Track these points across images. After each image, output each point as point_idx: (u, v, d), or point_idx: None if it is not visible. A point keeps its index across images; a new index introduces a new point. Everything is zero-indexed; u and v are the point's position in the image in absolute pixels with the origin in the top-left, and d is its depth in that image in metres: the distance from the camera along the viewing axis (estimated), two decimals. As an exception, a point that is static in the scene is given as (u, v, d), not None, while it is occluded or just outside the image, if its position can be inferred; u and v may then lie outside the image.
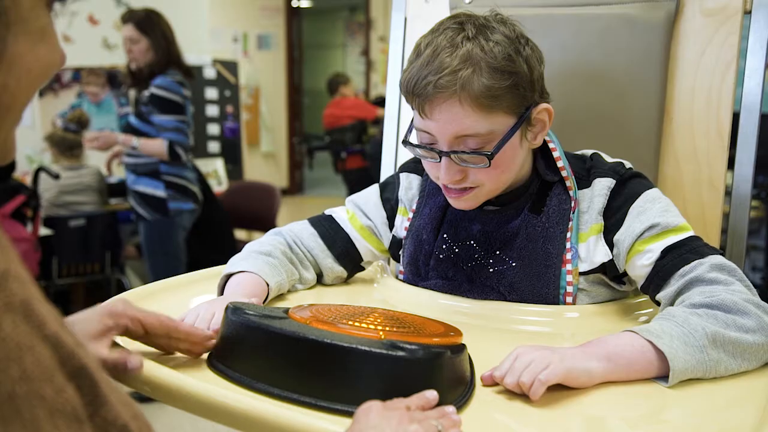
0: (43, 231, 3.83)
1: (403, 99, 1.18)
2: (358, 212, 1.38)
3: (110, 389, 0.48)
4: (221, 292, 1.19)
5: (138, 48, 3.31)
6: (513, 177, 1.21)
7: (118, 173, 4.89)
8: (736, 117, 1.38)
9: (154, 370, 0.88)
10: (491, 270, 1.21)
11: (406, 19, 1.74)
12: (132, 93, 3.53)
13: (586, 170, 1.23)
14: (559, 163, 1.23)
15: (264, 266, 1.22)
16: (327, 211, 1.40)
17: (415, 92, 1.12)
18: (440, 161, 1.15)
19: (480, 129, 1.10)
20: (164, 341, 0.94)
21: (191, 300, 1.21)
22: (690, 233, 1.13)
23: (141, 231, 3.48)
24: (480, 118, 1.10)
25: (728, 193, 1.40)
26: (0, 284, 0.43)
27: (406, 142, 1.20)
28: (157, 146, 3.30)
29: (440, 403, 0.81)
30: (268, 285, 1.20)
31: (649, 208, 1.16)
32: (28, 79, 0.55)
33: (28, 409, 0.41)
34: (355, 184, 5.92)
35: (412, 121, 1.19)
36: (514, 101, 1.11)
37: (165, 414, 3.09)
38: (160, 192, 3.38)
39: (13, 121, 0.56)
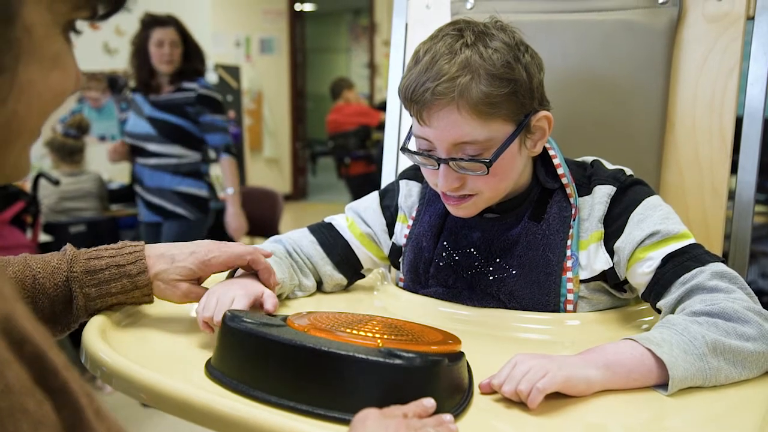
0: (43, 237, 3.82)
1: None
2: (358, 219, 1.38)
3: (98, 417, 0.48)
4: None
5: (178, 51, 3.40)
6: (512, 185, 1.20)
7: (121, 178, 4.90)
8: (739, 123, 1.38)
9: (151, 378, 0.88)
10: (491, 278, 1.21)
11: (407, 24, 1.73)
12: (133, 96, 3.52)
13: (587, 177, 1.23)
14: (560, 170, 1.22)
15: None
16: (326, 219, 1.40)
17: (413, 99, 1.12)
18: (439, 168, 1.15)
19: (478, 136, 1.10)
20: None
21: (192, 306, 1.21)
22: (691, 241, 1.12)
23: (174, 231, 3.49)
24: (478, 126, 1.09)
25: (732, 198, 1.39)
26: None
27: (404, 149, 1.19)
28: (231, 169, 3.50)
29: (438, 411, 0.81)
30: None
31: (650, 216, 1.15)
32: (40, 105, 0.55)
33: (12, 422, 0.41)
34: (358, 190, 5.90)
35: (410, 127, 1.19)
36: (512, 108, 1.11)
37: (163, 421, 3.09)
38: (203, 192, 3.52)
39: (26, 142, 0.56)
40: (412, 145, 1.20)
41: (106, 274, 1.05)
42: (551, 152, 1.24)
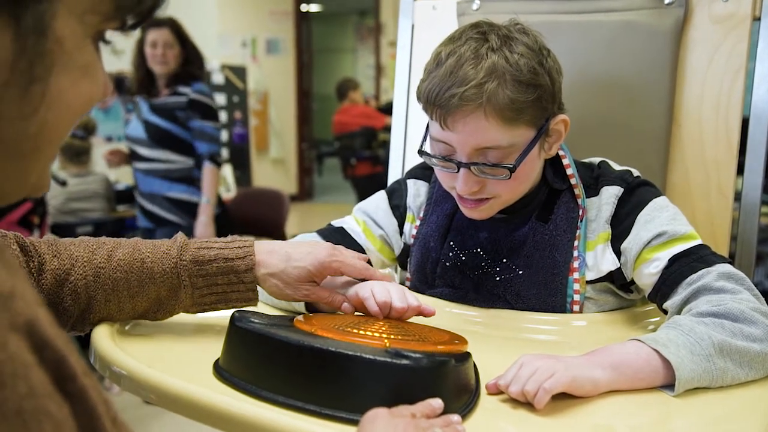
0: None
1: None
2: (370, 222, 1.36)
3: (115, 426, 0.48)
4: None
5: (172, 53, 3.36)
6: (529, 187, 1.20)
7: (127, 179, 4.90)
8: (745, 123, 1.38)
9: (160, 378, 0.88)
10: (498, 278, 1.21)
11: (413, 25, 1.74)
12: (138, 99, 3.52)
13: (594, 178, 1.23)
14: (569, 171, 1.22)
15: None
16: (336, 223, 1.36)
17: (437, 103, 1.10)
18: (458, 172, 1.15)
19: (503, 141, 1.10)
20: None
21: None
22: (698, 242, 1.12)
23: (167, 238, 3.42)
24: (503, 131, 1.09)
25: (739, 199, 1.39)
26: (6, 304, 0.43)
27: (422, 152, 1.19)
28: (211, 178, 3.39)
29: (445, 412, 0.81)
30: None
31: (657, 217, 1.15)
32: (68, 114, 0.55)
33: (36, 424, 0.41)
34: (364, 191, 5.90)
35: (426, 130, 1.19)
36: (536, 114, 1.11)
37: (170, 421, 3.09)
38: (195, 198, 3.43)
39: (51, 155, 0.57)
40: (428, 148, 1.19)
41: (213, 267, 1.04)
42: (560, 153, 1.24)
